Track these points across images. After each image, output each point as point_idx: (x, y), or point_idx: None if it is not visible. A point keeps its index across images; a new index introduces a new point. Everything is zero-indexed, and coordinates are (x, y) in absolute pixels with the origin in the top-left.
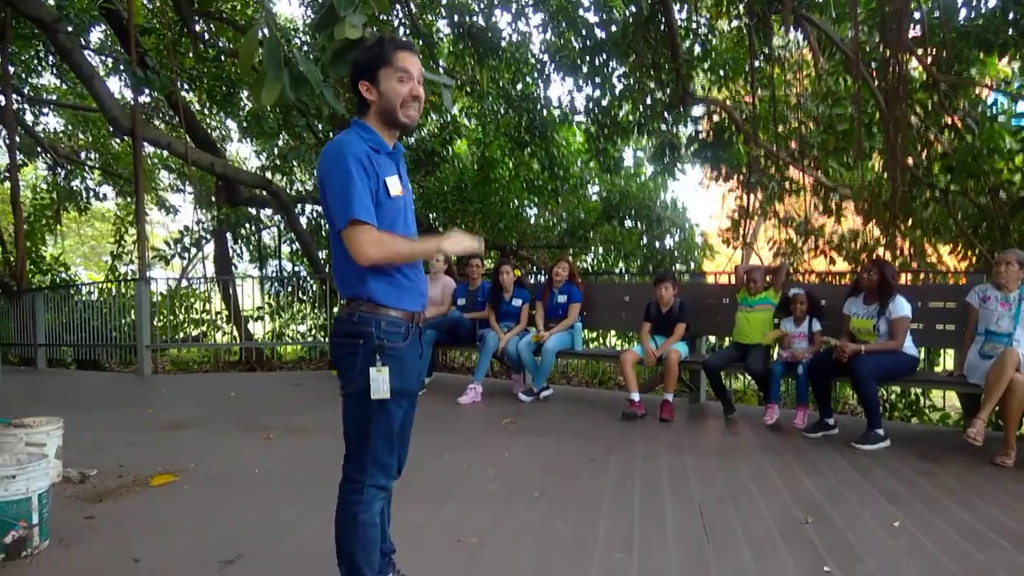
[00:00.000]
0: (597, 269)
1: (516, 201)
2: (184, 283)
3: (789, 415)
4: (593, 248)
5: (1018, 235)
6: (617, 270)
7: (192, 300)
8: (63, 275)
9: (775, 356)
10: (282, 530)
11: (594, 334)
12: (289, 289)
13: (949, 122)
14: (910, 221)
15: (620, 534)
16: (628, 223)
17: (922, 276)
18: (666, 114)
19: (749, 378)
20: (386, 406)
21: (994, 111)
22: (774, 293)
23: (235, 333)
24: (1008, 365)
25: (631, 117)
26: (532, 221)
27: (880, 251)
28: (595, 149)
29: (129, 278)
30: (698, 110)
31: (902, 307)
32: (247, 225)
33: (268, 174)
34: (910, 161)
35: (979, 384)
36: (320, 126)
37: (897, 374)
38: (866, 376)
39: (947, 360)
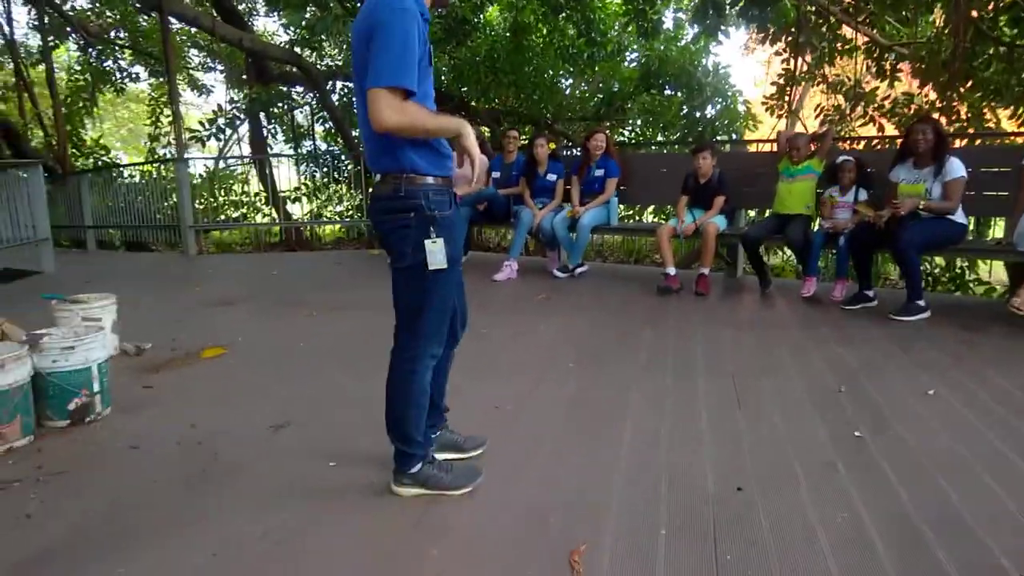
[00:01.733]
0: (635, 141)
1: (551, 71)
2: (221, 164)
3: (827, 289)
4: (631, 120)
5: None
6: (655, 143)
7: (231, 182)
8: (104, 158)
9: (816, 227)
10: (326, 399)
11: (630, 211)
12: (325, 169)
13: None
14: (969, 82)
15: (653, 402)
16: (667, 92)
17: (977, 141)
18: None
19: (788, 253)
20: (440, 276)
21: None
22: (818, 162)
23: (274, 214)
24: None
25: None
26: (567, 92)
27: (935, 115)
28: (633, 11)
29: (168, 159)
30: None
31: (958, 168)
32: (279, 104)
33: (297, 49)
34: (975, 13)
35: None
36: None
37: (944, 243)
38: (909, 245)
39: (996, 230)
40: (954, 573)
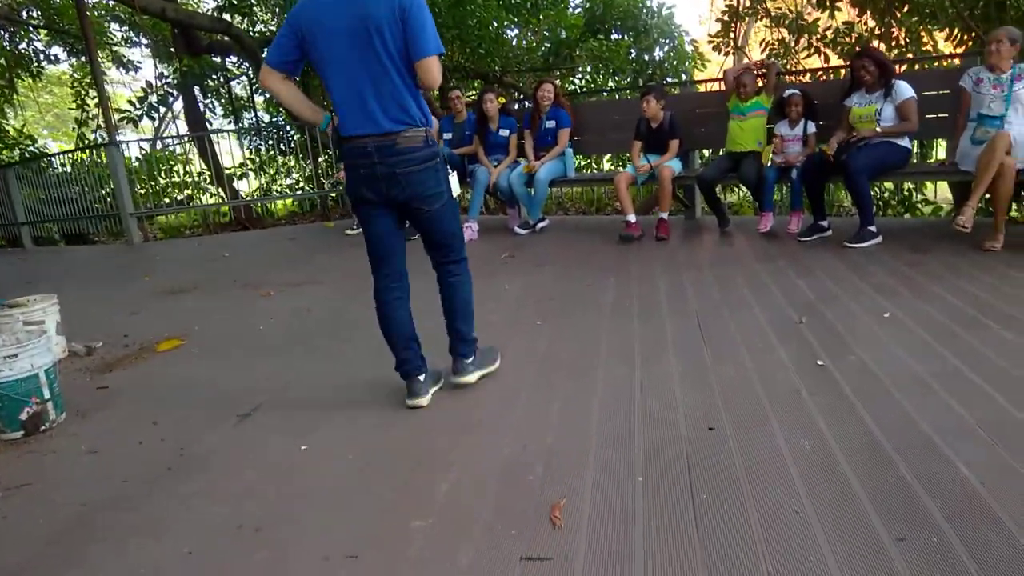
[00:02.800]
0: (586, 89)
1: (495, 23)
2: (159, 145)
3: (784, 222)
4: (581, 67)
5: (1015, 13)
6: (607, 89)
7: (171, 163)
8: (31, 148)
9: (768, 163)
10: (291, 381)
11: (587, 160)
12: (270, 142)
13: None
14: (906, 7)
15: (622, 351)
16: (615, 36)
17: (916, 66)
18: None
19: (744, 190)
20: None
21: None
22: (766, 97)
23: (221, 193)
24: (999, 148)
25: None
26: (514, 44)
27: (875, 43)
28: None
29: (99, 144)
30: None
31: (906, 90)
32: (213, 76)
33: (227, 16)
34: None
35: (970, 171)
36: None
37: (890, 167)
38: (859, 171)
39: (939, 151)
40: (919, 488)
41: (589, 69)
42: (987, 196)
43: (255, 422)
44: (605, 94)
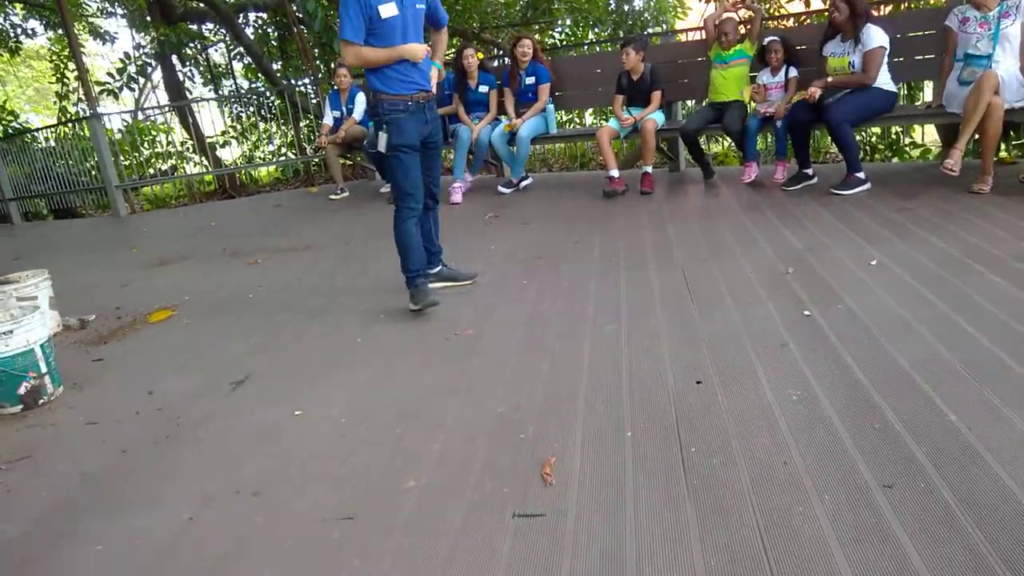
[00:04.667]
0: (566, 43)
1: None
2: (140, 116)
3: (770, 171)
4: (560, 20)
5: None
6: (587, 42)
7: (153, 133)
8: (14, 124)
9: (751, 111)
10: (284, 347)
11: (569, 116)
12: (251, 109)
13: None
14: None
15: (609, 307)
16: None
17: (901, 5)
18: None
19: (729, 140)
20: (395, 156)
21: None
22: (749, 45)
23: (205, 162)
24: (986, 88)
25: None
26: None
27: None
28: None
29: (81, 117)
30: None
31: (875, 37)
32: (191, 44)
33: None
34: None
35: (958, 113)
36: None
37: (874, 113)
38: (840, 120)
39: (926, 93)
40: (905, 434)
41: (568, 22)
42: (975, 137)
43: (248, 389)
44: (586, 48)
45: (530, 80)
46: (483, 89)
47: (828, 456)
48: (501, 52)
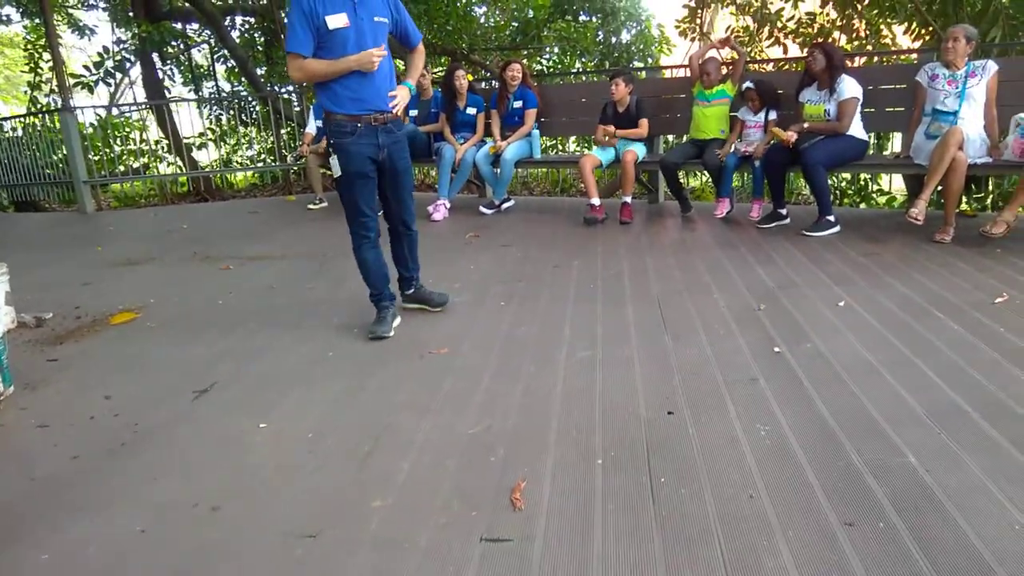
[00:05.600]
0: (553, 70)
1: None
2: (115, 112)
3: (745, 209)
4: (548, 48)
5: (971, 10)
6: (574, 70)
7: (127, 130)
8: None
9: (731, 149)
10: (251, 356)
11: (553, 141)
12: (231, 112)
13: None
14: (866, 0)
15: (584, 333)
16: (582, 17)
17: (875, 59)
18: None
19: (708, 176)
20: (344, 181)
21: None
22: (731, 86)
23: (180, 163)
24: (951, 143)
25: None
26: (482, 21)
27: (836, 34)
28: None
29: (52, 109)
30: None
31: (849, 88)
32: (174, 43)
33: None
34: None
35: (924, 165)
36: None
37: (847, 159)
38: (815, 163)
39: (895, 143)
40: (867, 474)
41: (556, 50)
42: (939, 189)
43: (212, 398)
44: (572, 76)
45: (517, 104)
46: (471, 110)
47: (793, 492)
48: (489, 74)
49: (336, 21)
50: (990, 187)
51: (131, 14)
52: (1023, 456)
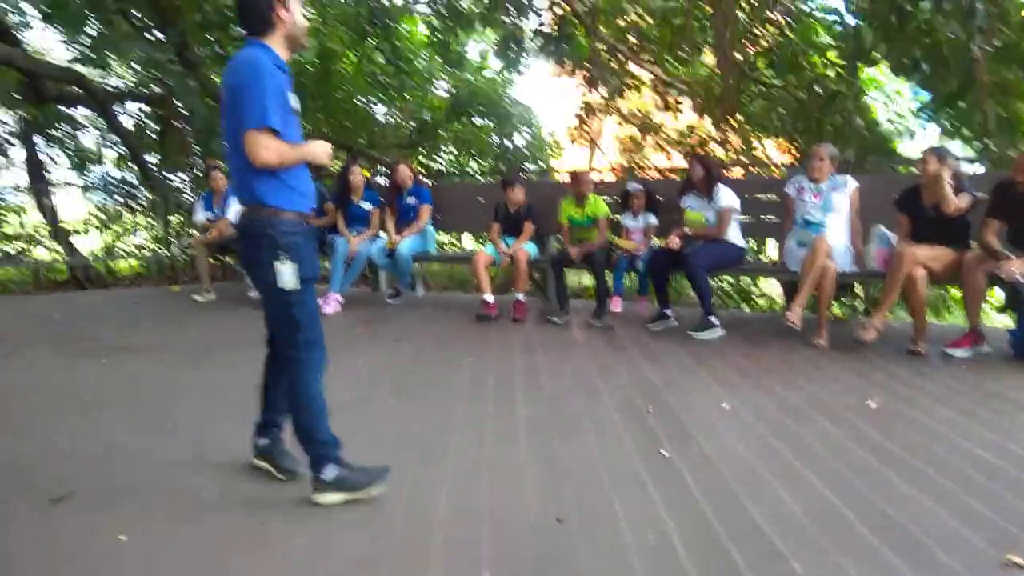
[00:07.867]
0: (449, 170)
1: (362, 99)
2: None
3: (631, 307)
4: (444, 147)
5: (831, 128)
6: (469, 170)
7: (3, 214)
8: None
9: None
10: (116, 460)
11: (448, 237)
12: (116, 198)
13: (773, 17)
14: (740, 116)
15: (474, 431)
16: (478, 121)
17: (750, 170)
18: (508, 5)
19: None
20: (299, 293)
21: (810, 5)
22: (602, 205)
23: (59, 248)
24: (819, 252)
25: (474, 7)
26: (381, 120)
27: (712, 146)
28: (438, 42)
29: None
30: (541, 1)
31: (726, 198)
32: (59, 126)
33: (80, 68)
34: (738, 56)
35: (797, 271)
36: (139, 13)
37: (726, 264)
38: (697, 267)
39: (770, 249)
40: (748, 573)
41: (453, 149)
42: (814, 294)
43: (70, 507)
44: (468, 176)
45: (411, 200)
46: (366, 205)
47: None
48: (388, 169)
49: (294, 100)
50: (860, 292)
51: (19, 97)
52: (899, 561)
